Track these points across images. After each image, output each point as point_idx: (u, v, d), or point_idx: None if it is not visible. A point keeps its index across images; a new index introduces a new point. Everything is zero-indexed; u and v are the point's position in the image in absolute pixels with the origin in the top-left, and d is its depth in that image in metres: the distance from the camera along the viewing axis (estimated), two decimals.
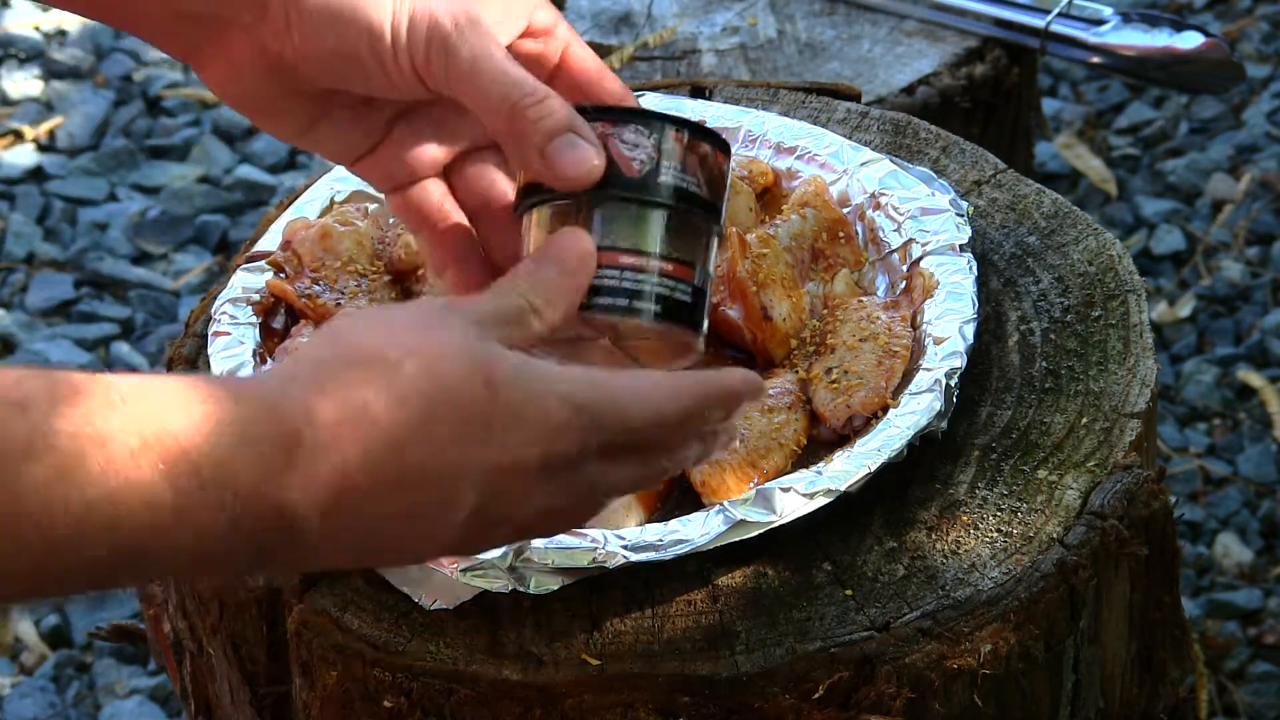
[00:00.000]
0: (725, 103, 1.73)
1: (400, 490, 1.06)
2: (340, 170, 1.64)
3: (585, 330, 1.27)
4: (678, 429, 1.15)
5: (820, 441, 1.43)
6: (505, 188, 1.31)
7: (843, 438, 1.42)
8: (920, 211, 1.56)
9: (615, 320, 1.23)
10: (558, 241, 1.21)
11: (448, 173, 1.33)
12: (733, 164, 1.30)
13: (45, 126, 3.41)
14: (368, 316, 1.15)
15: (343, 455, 1.04)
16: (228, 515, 1.01)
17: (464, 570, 1.31)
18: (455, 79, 1.22)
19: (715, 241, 1.27)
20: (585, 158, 1.21)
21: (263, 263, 1.56)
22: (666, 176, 1.23)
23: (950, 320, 1.47)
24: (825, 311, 1.53)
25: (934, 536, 1.37)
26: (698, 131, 1.25)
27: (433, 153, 1.31)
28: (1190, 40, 2.24)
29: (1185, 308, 2.93)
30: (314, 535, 1.04)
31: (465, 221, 1.31)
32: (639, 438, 1.14)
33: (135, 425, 0.99)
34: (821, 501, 1.35)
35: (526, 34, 1.28)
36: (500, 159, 1.32)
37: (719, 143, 1.26)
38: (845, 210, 1.60)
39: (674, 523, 1.35)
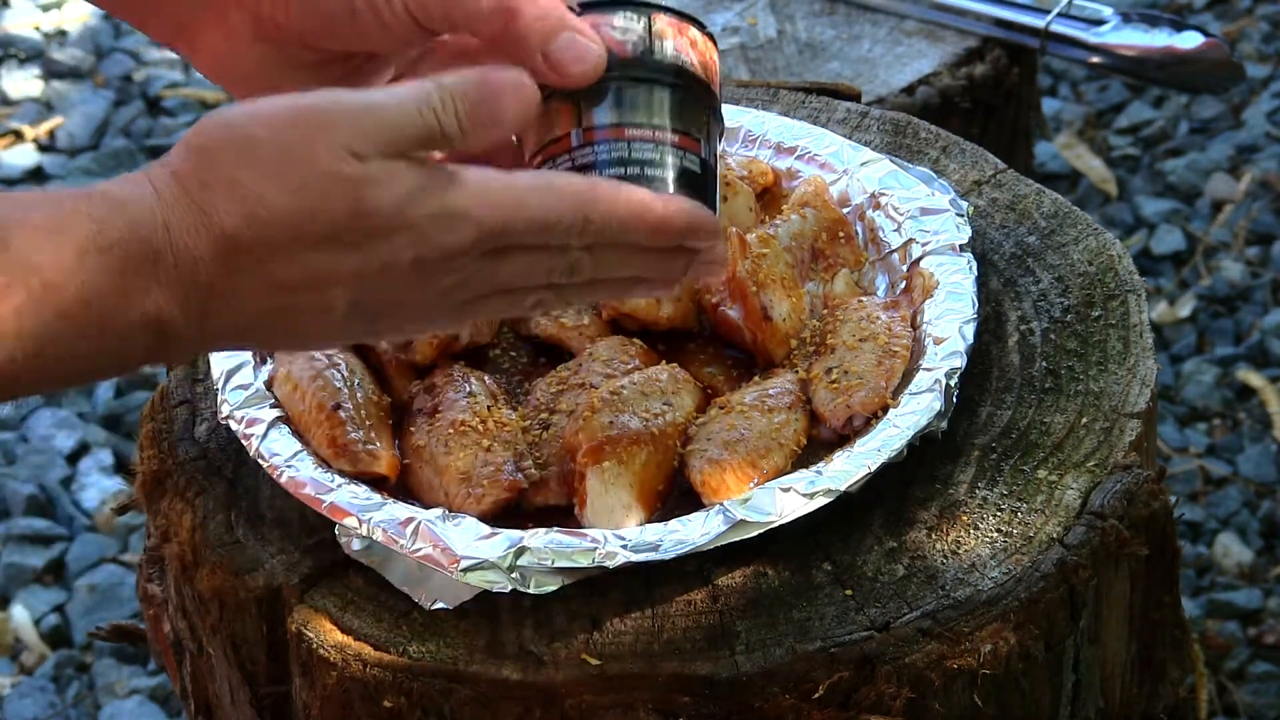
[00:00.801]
0: (725, 103, 1.72)
1: (267, 294, 1.15)
2: None
3: None
4: (572, 229, 1.19)
5: (820, 441, 1.43)
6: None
7: (843, 438, 1.42)
8: (920, 211, 1.56)
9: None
10: (504, 81, 1.21)
11: None
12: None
13: (45, 126, 3.41)
14: (229, 131, 1.16)
15: (206, 271, 1.13)
16: (95, 333, 1.10)
17: (464, 570, 1.31)
18: (448, 2, 1.24)
19: (716, 126, 1.29)
20: (587, 52, 1.24)
21: None
22: (660, 55, 1.26)
23: (950, 320, 1.47)
24: (825, 311, 1.53)
25: (934, 536, 1.37)
26: (685, 16, 1.28)
27: None
28: (1190, 40, 2.24)
29: (1185, 308, 2.93)
30: (188, 334, 1.14)
31: None
32: (527, 239, 1.18)
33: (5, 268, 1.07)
34: (821, 501, 1.35)
35: None
36: None
37: (705, 30, 1.29)
38: (845, 210, 1.60)
39: (674, 523, 1.35)
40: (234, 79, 1.31)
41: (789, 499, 1.34)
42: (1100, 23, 2.27)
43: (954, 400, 1.42)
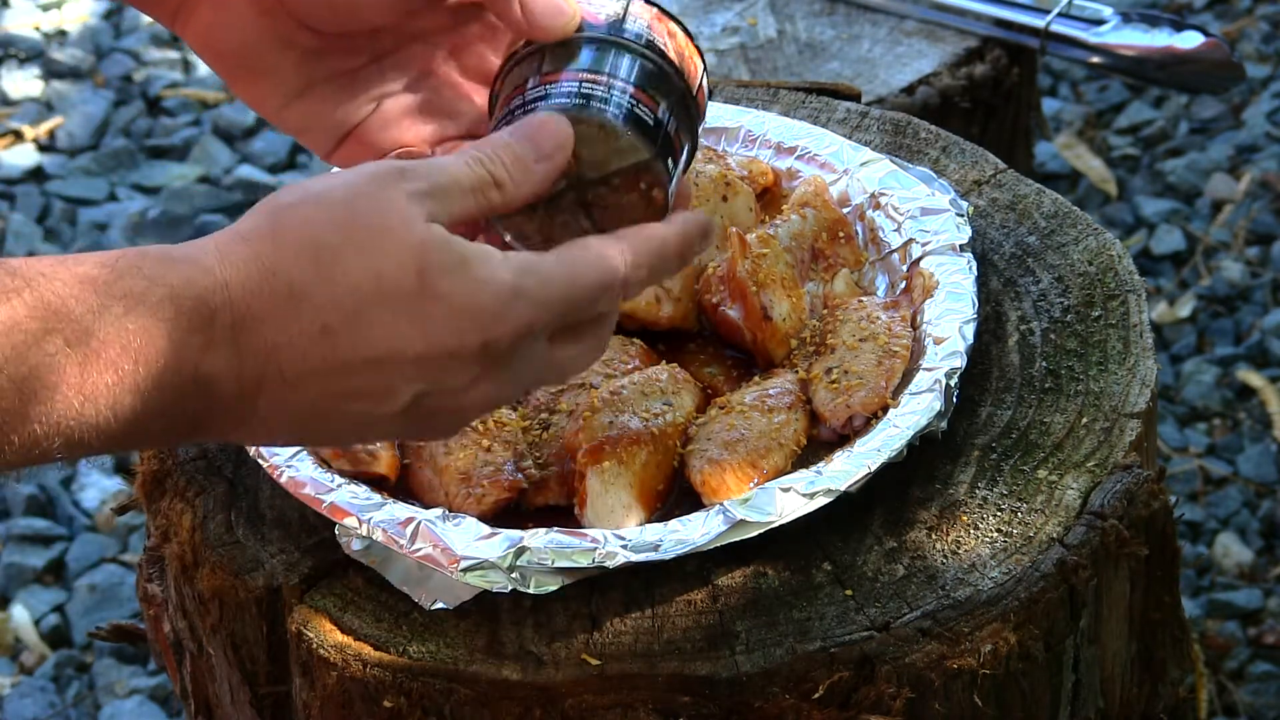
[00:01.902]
0: (725, 103, 1.73)
1: (331, 377, 1.11)
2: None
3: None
4: (623, 292, 1.20)
5: (820, 441, 1.43)
6: None
7: (843, 438, 1.42)
8: (920, 211, 1.56)
9: (575, 116, 1.25)
10: (535, 120, 1.22)
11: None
12: (705, 75, 1.33)
13: (45, 126, 3.41)
14: (305, 194, 1.14)
15: (266, 336, 1.09)
16: (146, 391, 1.06)
17: (464, 570, 1.31)
18: None
19: (682, 112, 1.30)
20: (562, 8, 1.26)
21: None
22: (632, 27, 1.29)
23: (950, 320, 1.47)
24: (825, 311, 1.53)
25: (934, 536, 1.37)
26: (672, 16, 1.31)
27: (421, 130, 1.34)
28: (1190, 40, 2.24)
29: (1185, 308, 2.93)
30: (239, 404, 1.10)
31: None
32: (587, 314, 1.18)
33: (59, 328, 1.04)
34: (821, 501, 1.35)
35: None
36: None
37: (690, 33, 1.32)
38: (845, 210, 1.60)
39: (674, 523, 1.35)
40: (224, 52, 1.30)
41: (789, 499, 1.34)
42: (1100, 23, 2.27)
43: (954, 400, 1.42)
